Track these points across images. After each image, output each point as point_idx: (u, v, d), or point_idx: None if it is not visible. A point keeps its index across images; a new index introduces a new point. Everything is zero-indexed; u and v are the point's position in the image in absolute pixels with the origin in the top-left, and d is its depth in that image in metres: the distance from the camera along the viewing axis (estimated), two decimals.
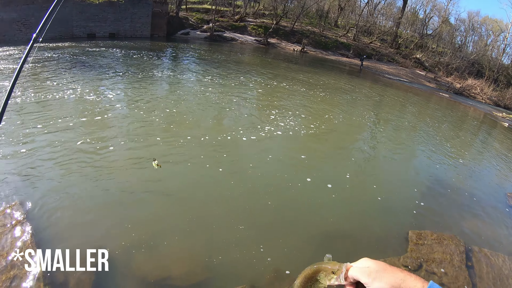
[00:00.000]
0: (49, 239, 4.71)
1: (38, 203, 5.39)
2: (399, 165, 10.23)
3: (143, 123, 9.25)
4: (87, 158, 6.90)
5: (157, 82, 14.78)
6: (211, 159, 7.71)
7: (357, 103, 17.74)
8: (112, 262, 4.51)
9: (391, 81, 30.36)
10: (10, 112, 8.66)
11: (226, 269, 4.73)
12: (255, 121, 10.96)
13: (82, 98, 10.58)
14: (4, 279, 4.01)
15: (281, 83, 18.29)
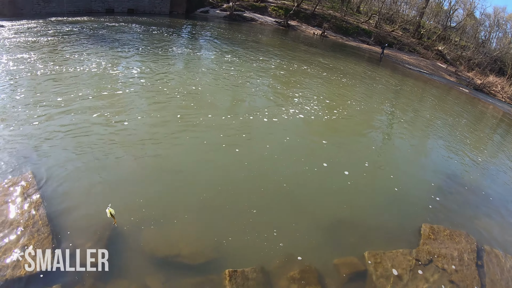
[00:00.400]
0: (60, 211, 4.79)
1: (51, 174, 5.46)
2: (417, 157, 10.07)
3: (161, 99, 9.24)
4: (102, 132, 6.93)
5: (177, 59, 14.67)
6: (228, 138, 7.69)
7: (377, 91, 17.46)
8: (122, 236, 4.60)
9: (411, 72, 29.72)
10: (28, 83, 8.79)
11: (235, 251, 4.75)
12: (274, 103, 10.89)
13: (100, 72, 10.58)
14: (13, 250, 4.08)
15: (302, 66, 18.06)
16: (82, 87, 9.00)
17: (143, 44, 15.84)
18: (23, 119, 6.96)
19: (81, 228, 4.58)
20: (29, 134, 6.47)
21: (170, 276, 4.25)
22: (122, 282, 4.03)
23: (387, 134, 11.42)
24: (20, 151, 5.92)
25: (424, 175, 8.72)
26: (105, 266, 4.15)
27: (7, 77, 9.05)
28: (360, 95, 15.18)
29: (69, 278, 3.95)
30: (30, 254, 4.05)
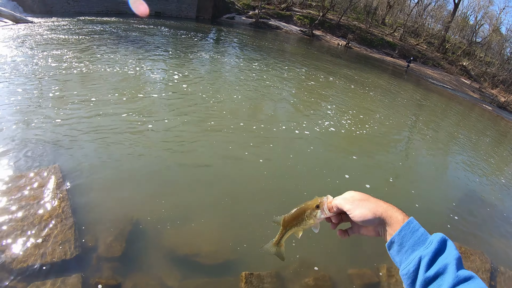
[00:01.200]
0: (83, 204, 4.89)
1: (76, 168, 5.59)
2: (439, 174, 9.88)
3: (186, 103, 9.38)
4: (127, 131, 7.08)
5: (204, 63, 14.90)
6: (251, 146, 7.72)
7: (401, 105, 17.30)
8: (142, 232, 4.66)
9: (435, 87, 29.31)
10: (58, 80, 9.08)
11: (253, 255, 4.74)
12: (298, 113, 10.93)
13: (129, 73, 10.83)
14: (37, 238, 4.18)
15: (327, 77, 18.15)
16: (110, 87, 9.24)
17: (171, 47, 16.18)
18: (51, 114, 7.18)
19: (103, 221, 4.68)
20: (57, 129, 6.67)
21: (187, 275, 4.29)
22: (140, 276, 4.10)
23: (411, 148, 11.28)
24: (47, 144, 6.10)
25: (444, 192, 8.55)
26: (124, 260, 4.25)
27: (38, 72, 9.36)
28: (384, 108, 15.10)
29: (89, 269, 4.03)
30: (52, 243, 4.16)
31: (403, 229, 1.09)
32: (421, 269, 1.01)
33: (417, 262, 1.02)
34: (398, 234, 1.09)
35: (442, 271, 0.97)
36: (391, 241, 1.11)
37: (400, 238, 1.09)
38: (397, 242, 1.10)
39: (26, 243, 4.10)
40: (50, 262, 3.97)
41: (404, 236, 1.09)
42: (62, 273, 3.91)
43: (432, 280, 0.98)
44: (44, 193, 4.89)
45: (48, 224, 4.39)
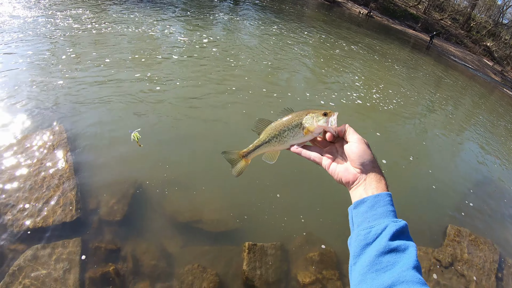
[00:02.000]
0: (87, 166, 4.76)
1: (81, 129, 5.44)
2: (459, 156, 9.57)
3: (201, 66, 9.04)
4: (136, 93, 6.84)
5: (221, 25, 14.43)
6: (264, 112, 7.45)
7: (420, 79, 16.76)
8: (146, 196, 4.54)
9: (456, 64, 28.25)
10: (71, 40, 8.76)
11: (258, 225, 4.63)
12: (316, 81, 10.60)
13: (143, 33, 10.50)
14: (38, 200, 4.11)
15: (350, 46, 17.66)
16: (123, 48, 8.92)
17: (190, 8, 15.60)
18: (60, 74, 6.95)
19: (106, 183, 4.55)
20: (65, 90, 6.45)
21: (189, 241, 4.19)
22: (141, 241, 4.00)
23: (430, 126, 10.88)
24: (54, 105, 5.92)
25: (461, 176, 8.27)
26: (125, 224, 4.13)
27: (54, 32, 9.03)
28: (405, 82, 14.67)
29: (89, 232, 3.94)
30: (53, 205, 4.08)
31: (381, 195, 1.09)
32: (384, 236, 0.99)
33: (383, 228, 1.01)
34: (375, 197, 1.09)
35: (403, 249, 0.97)
36: (364, 200, 1.10)
37: (375, 202, 1.08)
38: (369, 203, 1.09)
39: (27, 206, 4.03)
40: (51, 225, 3.90)
41: (379, 202, 1.08)
42: (62, 236, 3.83)
43: (391, 251, 0.96)
44: (47, 154, 4.76)
45: (50, 187, 4.30)
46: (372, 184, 1.12)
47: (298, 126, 1.28)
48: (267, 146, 1.33)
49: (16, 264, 3.49)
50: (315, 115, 1.25)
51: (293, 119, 1.29)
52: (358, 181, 1.15)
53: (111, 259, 3.79)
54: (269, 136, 1.32)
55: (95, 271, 3.64)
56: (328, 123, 1.23)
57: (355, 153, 1.16)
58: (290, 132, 1.29)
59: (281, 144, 1.32)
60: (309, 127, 1.25)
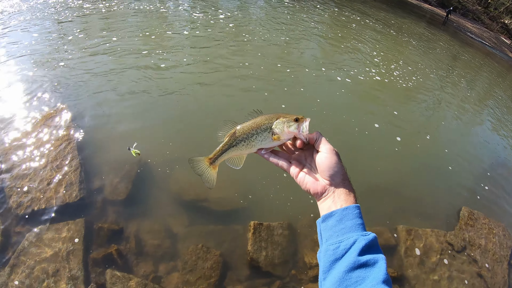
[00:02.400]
0: (91, 145, 4.69)
1: (85, 109, 5.34)
2: (475, 136, 9.17)
3: (211, 42, 8.83)
4: (142, 71, 6.70)
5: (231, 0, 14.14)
6: (274, 88, 7.24)
7: (435, 55, 16.12)
8: (150, 174, 4.44)
9: (472, 41, 27.20)
10: (79, 19, 8.61)
11: (264, 205, 4.50)
12: (328, 57, 10.30)
13: (153, 11, 10.26)
14: (42, 181, 4.05)
15: (365, 20, 17.22)
16: (131, 26, 8.75)
17: None
18: (66, 54, 6.84)
19: (109, 162, 4.46)
20: (70, 69, 6.35)
21: (194, 221, 4.08)
22: (144, 221, 3.91)
23: (445, 103, 10.38)
24: (57, 85, 5.83)
25: (477, 157, 7.88)
26: (129, 203, 4.04)
27: (57, 11, 8.89)
28: (421, 58, 14.21)
29: (92, 213, 3.88)
30: (57, 186, 4.02)
31: (349, 208, 1.07)
32: (353, 251, 0.98)
33: (352, 243, 0.99)
34: (344, 210, 1.06)
35: (373, 263, 0.95)
36: (332, 213, 1.07)
37: (343, 215, 1.06)
38: (337, 216, 1.06)
39: (31, 187, 3.98)
40: (55, 206, 3.85)
41: (347, 215, 1.05)
42: (66, 217, 3.78)
43: (361, 266, 0.95)
44: (51, 135, 4.70)
45: (53, 167, 4.24)
46: (341, 197, 1.09)
47: (267, 131, 1.21)
48: (234, 150, 1.27)
49: (21, 246, 3.48)
50: (286, 120, 1.19)
51: (262, 123, 1.22)
52: (327, 193, 1.13)
53: (114, 239, 3.73)
54: (236, 140, 1.25)
55: (98, 252, 3.59)
56: (300, 129, 1.18)
57: (326, 164, 1.12)
58: (258, 136, 1.22)
59: (248, 148, 1.26)
60: (279, 133, 1.19)
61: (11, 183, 4.00)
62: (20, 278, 3.26)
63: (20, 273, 3.29)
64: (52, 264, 3.40)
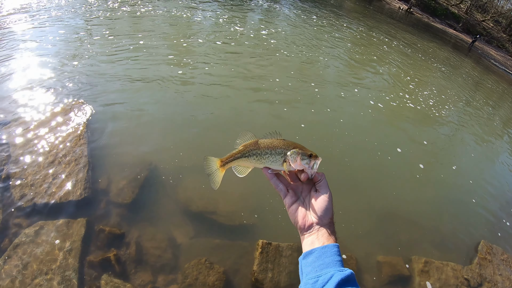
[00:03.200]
0: (102, 145, 4.54)
1: (101, 108, 5.23)
2: (506, 171, 8.70)
3: (232, 52, 8.67)
4: (162, 75, 6.57)
5: (256, 12, 14.03)
6: (294, 104, 6.97)
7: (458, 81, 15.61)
8: (159, 180, 4.25)
9: (496, 69, 26.67)
10: (106, 21, 8.59)
11: (275, 223, 4.22)
12: (351, 75, 10.01)
13: (174, 17, 10.23)
14: (49, 176, 3.92)
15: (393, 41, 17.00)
16: (158, 32, 8.66)
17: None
18: (91, 53, 6.80)
19: (119, 164, 4.28)
20: (93, 68, 6.31)
21: (200, 233, 3.84)
22: (148, 228, 3.69)
23: (476, 134, 9.99)
24: (77, 81, 5.76)
25: (499, 189, 7.44)
26: (134, 208, 3.83)
27: (87, 13, 8.86)
28: (440, 80, 13.94)
29: (95, 213, 3.68)
30: (63, 182, 3.87)
31: (328, 246, 1.12)
32: (330, 284, 1.01)
33: (329, 277, 1.03)
34: (323, 248, 1.12)
35: None
36: (312, 251, 1.13)
37: (322, 252, 1.11)
38: (317, 253, 1.11)
39: (37, 180, 3.83)
40: (58, 202, 3.68)
41: (326, 252, 1.10)
42: (68, 214, 3.61)
43: None
44: (64, 129, 4.59)
45: (62, 163, 4.09)
46: (324, 236, 1.15)
47: (280, 155, 1.27)
48: (245, 160, 1.33)
49: (18, 239, 3.32)
50: (301, 152, 1.24)
51: (279, 146, 1.28)
52: (311, 230, 1.19)
53: (114, 243, 3.51)
54: (250, 152, 1.31)
55: (96, 254, 3.39)
56: (310, 165, 1.23)
57: (320, 206, 1.20)
58: (271, 156, 1.28)
59: (257, 163, 1.31)
60: (291, 162, 1.24)
61: (17, 174, 3.86)
62: (13, 272, 3.09)
63: (13, 266, 3.13)
64: (47, 261, 3.22)
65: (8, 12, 7.93)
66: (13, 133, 4.39)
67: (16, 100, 5.01)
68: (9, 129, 4.45)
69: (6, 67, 5.82)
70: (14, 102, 4.96)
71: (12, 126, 4.50)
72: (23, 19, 7.82)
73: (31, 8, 8.45)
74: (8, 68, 5.82)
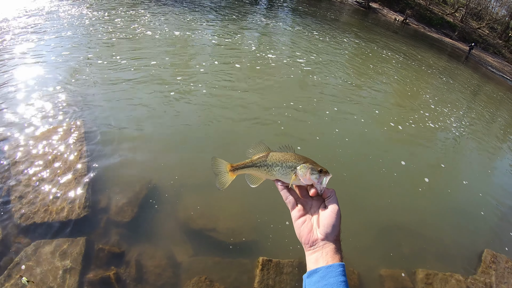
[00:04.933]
0: (101, 163, 4.49)
1: (101, 127, 5.20)
2: (501, 175, 8.57)
3: (230, 69, 8.64)
4: (160, 96, 6.53)
5: (255, 29, 14.10)
6: (294, 120, 6.89)
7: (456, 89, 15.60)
8: (159, 198, 4.19)
9: (493, 75, 26.60)
10: (104, 41, 8.62)
11: (276, 239, 4.13)
12: (351, 88, 9.93)
13: (172, 34, 10.27)
14: (49, 194, 3.90)
15: (388, 52, 17.01)
16: (155, 49, 8.69)
17: (223, 10, 15.38)
18: (91, 73, 6.81)
19: (118, 183, 4.24)
20: (92, 86, 6.34)
21: (199, 251, 3.76)
22: (147, 246, 3.61)
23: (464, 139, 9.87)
24: (77, 99, 5.77)
25: (500, 196, 7.28)
26: (133, 226, 3.77)
27: (86, 32, 8.93)
28: (438, 90, 13.94)
29: (95, 232, 3.63)
30: (63, 200, 3.83)
31: (333, 266, 1.09)
32: None
33: None
34: (328, 268, 1.09)
35: None
36: (317, 270, 1.10)
37: (327, 272, 1.08)
38: (321, 273, 1.09)
39: (37, 199, 3.80)
40: (58, 221, 3.65)
41: (331, 272, 1.08)
42: (68, 233, 3.57)
43: None
44: (63, 149, 4.56)
45: (62, 182, 4.06)
46: (329, 254, 1.13)
47: (291, 168, 1.27)
48: (255, 170, 1.32)
49: (18, 258, 3.29)
50: (312, 167, 1.24)
51: (290, 160, 1.28)
52: (316, 246, 1.16)
53: (114, 262, 3.45)
54: (261, 162, 1.31)
55: (96, 273, 3.32)
56: (320, 180, 1.23)
57: (328, 222, 1.17)
58: (281, 169, 1.28)
59: (267, 175, 1.31)
60: (300, 176, 1.24)
61: (17, 192, 3.83)
62: None
63: (14, 285, 3.08)
64: (47, 280, 3.18)
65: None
66: (13, 151, 4.36)
67: (16, 117, 5.01)
68: (9, 147, 4.44)
69: (7, 84, 5.87)
70: (14, 119, 4.95)
71: (12, 144, 4.48)
72: (27, 37, 7.90)
73: (35, 26, 8.57)
74: (9, 84, 5.86)
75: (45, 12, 9.80)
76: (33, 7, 10.08)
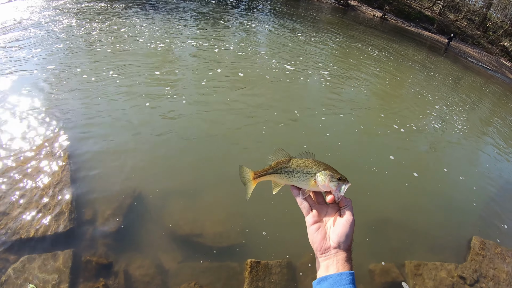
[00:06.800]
0: (84, 175, 4.45)
1: (83, 138, 5.15)
2: (482, 162, 8.70)
3: (212, 74, 8.59)
4: (143, 104, 6.47)
5: (234, 30, 14.11)
6: (281, 124, 6.85)
7: (437, 80, 15.93)
8: (143, 207, 4.17)
9: (473, 65, 27.04)
10: (83, 52, 8.50)
11: (263, 241, 4.17)
12: (334, 86, 10.03)
13: (153, 38, 10.26)
14: (32, 208, 3.84)
15: (361, 47, 17.11)
16: (134, 58, 8.57)
17: (203, 13, 15.36)
18: (70, 86, 6.68)
19: (103, 194, 4.21)
20: (70, 97, 6.22)
21: (188, 256, 3.77)
22: (135, 255, 3.61)
23: (448, 130, 10.00)
24: (58, 113, 5.65)
25: (485, 183, 7.48)
26: (120, 236, 3.76)
27: (62, 43, 8.75)
28: (421, 83, 14.08)
29: (81, 244, 3.60)
30: (48, 214, 3.79)
31: (343, 274, 1.12)
32: None
33: None
34: (338, 276, 1.11)
35: None
36: (327, 277, 1.13)
37: (336, 280, 1.10)
38: (331, 280, 1.11)
39: (20, 214, 3.75)
40: (43, 235, 3.60)
41: (341, 280, 1.10)
42: (54, 247, 3.52)
43: None
44: (45, 162, 4.49)
45: (45, 195, 4.02)
46: (340, 262, 1.15)
47: (310, 175, 1.28)
48: (276, 176, 1.34)
49: (6, 275, 3.23)
50: (331, 174, 1.26)
51: (310, 166, 1.30)
52: (328, 254, 1.18)
53: (102, 273, 3.43)
54: (281, 169, 1.33)
55: (84, 286, 3.30)
56: (338, 188, 1.24)
57: (342, 231, 1.19)
58: (301, 175, 1.30)
59: (287, 181, 1.33)
60: (319, 183, 1.26)
61: (1, 207, 3.77)
62: None
63: None
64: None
65: None
66: None
67: None
68: None
69: None
70: None
71: None
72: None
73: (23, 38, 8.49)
74: None
75: (27, 23, 9.62)
76: (16, 17, 9.97)
